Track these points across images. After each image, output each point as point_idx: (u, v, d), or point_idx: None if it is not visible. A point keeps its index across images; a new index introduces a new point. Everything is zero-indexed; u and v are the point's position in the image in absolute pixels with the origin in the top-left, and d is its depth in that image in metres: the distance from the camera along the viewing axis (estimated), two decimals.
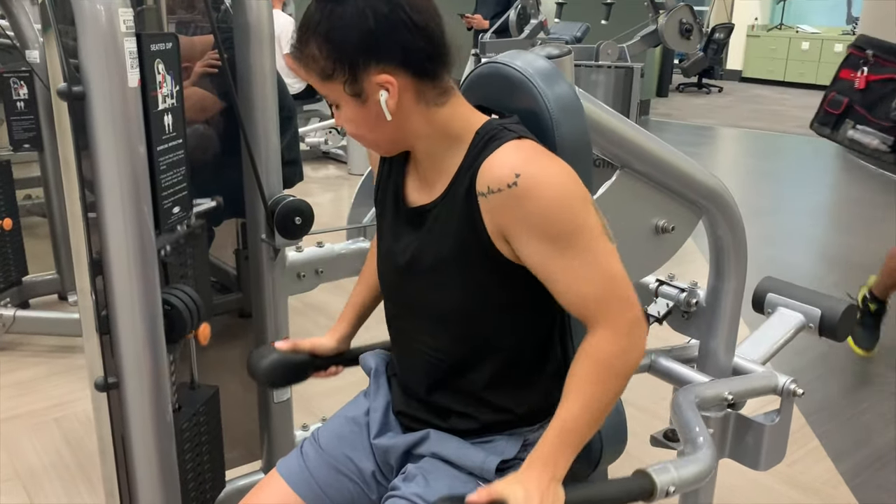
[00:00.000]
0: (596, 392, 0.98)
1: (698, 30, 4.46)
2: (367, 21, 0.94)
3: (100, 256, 1.26)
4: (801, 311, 1.64)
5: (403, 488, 1.09)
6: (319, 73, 0.99)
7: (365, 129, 1.04)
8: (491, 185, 0.97)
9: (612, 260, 0.99)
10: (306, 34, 0.98)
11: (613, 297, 0.98)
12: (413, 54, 0.97)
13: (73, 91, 1.15)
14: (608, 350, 0.98)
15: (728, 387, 1.41)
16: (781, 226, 4.84)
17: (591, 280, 0.97)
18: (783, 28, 12.49)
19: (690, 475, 1.07)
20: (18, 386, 2.66)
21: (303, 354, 1.30)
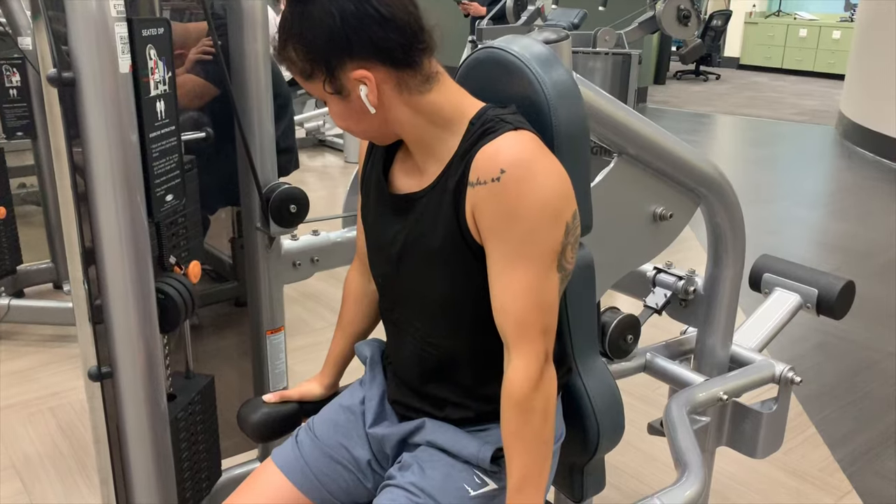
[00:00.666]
0: (524, 435, 0.99)
1: (696, 17, 4.43)
2: (335, 19, 0.94)
3: (92, 245, 1.24)
4: (798, 292, 1.63)
5: (399, 477, 1.08)
6: (300, 74, 1.01)
7: (352, 122, 1.04)
8: (481, 176, 0.96)
9: (550, 289, 0.98)
10: (283, 37, 0.99)
11: (536, 327, 0.98)
12: (385, 46, 0.96)
13: (63, 77, 1.13)
14: (524, 386, 0.98)
15: (723, 386, 1.42)
16: (779, 213, 4.83)
17: (522, 300, 0.97)
18: (781, 15, 12.45)
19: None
20: (14, 375, 2.66)
21: (291, 405, 1.31)
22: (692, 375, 1.51)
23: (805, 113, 8.63)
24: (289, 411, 1.30)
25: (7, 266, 3.10)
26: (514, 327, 0.98)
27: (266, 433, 1.30)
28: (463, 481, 1.07)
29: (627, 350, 1.43)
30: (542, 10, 5.35)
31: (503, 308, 0.98)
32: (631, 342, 1.42)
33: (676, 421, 1.29)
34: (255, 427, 1.29)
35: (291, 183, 1.71)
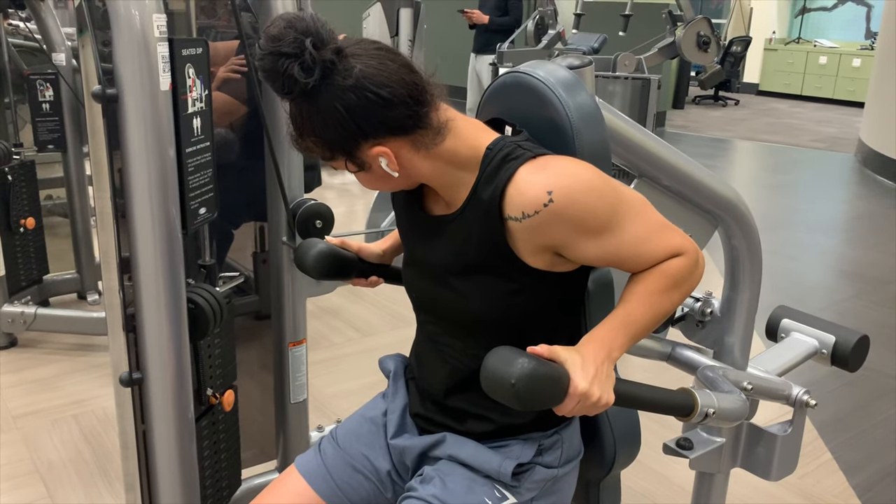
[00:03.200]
0: (661, 297, 1.03)
1: (716, 42, 4.47)
2: (341, 113, 0.98)
3: (127, 255, 1.29)
4: (815, 338, 1.65)
5: (421, 490, 1.11)
6: (322, 157, 1.06)
7: (379, 185, 1.10)
8: (525, 209, 1.00)
9: (653, 211, 1.06)
10: (297, 131, 1.04)
11: (675, 238, 1.05)
12: (394, 124, 1.01)
13: (107, 93, 1.18)
14: (677, 266, 1.04)
15: (748, 377, 1.42)
16: (796, 239, 4.83)
17: (651, 237, 1.04)
18: (801, 42, 12.47)
19: (728, 407, 1.09)
20: (38, 382, 2.71)
21: (350, 253, 1.33)
22: (718, 364, 1.52)
23: (824, 140, 8.62)
24: (347, 256, 1.32)
25: (34, 275, 3.17)
26: (664, 251, 1.04)
27: (324, 268, 1.30)
28: (484, 495, 1.10)
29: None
30: (563, 34, 5.41)
31: (647, 259, 1.04)
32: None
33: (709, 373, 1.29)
34: (314, 260, 1.29)
35: (315, 199, 1.76)
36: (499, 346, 0.92)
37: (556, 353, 0.94)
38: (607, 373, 0.97)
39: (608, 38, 5.56)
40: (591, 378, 0.93)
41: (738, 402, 1.13)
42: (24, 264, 3.09)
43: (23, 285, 3.08)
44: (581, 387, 0.92)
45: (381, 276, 1.36)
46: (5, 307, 2.91)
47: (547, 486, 1.13)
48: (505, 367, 0.88)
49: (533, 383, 0.88)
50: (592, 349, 0.97)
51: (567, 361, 0.94)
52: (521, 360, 0.89)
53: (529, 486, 1.12)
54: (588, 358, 0.95)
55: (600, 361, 0.96)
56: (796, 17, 12.73)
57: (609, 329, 1.01)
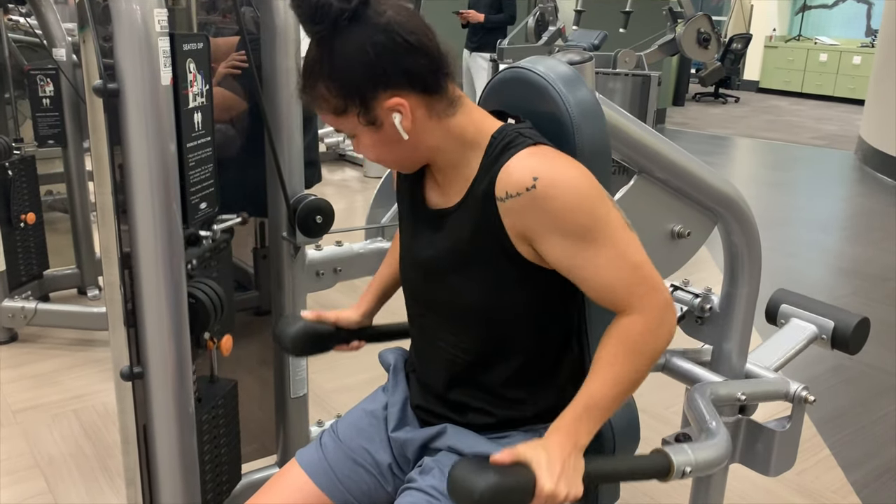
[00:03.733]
0: (623, 371, 1.00)
1: (716, 40, 4.47)
2: (368, 54, 0.97)
3: (128, 250, 1.29)
4: (813, 323, 1.65)
5: (420, 480, 1.12)
6: (332, 111, 1.03)
7: (384, 151, 1.07)
8: (510, 189, 1.00)
9: (634, 248, 1.02)
10: (312, 76, 1.01)
11: (641, 284, 1.01)
12: (416, 74, 1.01)
13: (108, 88, 1.18)
14: (637, 331, 1.00)
15: (741, 387, 1.43)
16: (796, 237, 4.83)
17: (618, 270, 1.00)
18: (801, 39, 12.46)
19: (707, 459, 1.08)
20: (39, 377, 2.71)
21: (327, 325, 1.33)
22: (711, 375, 1.53)
23: (824, 137, 8.62)
24: (325, 330, 1.32)
25: (34, 271, 3.17)
26: (625, 296, 1.00)
27: (302, 346, 1.32)
28: None
29: None
30: (563, 30, 5.41)
31: (606, 290, 1.01)
32: None
33: (698, 398, 1.30)
34: (293, 339, 1.30)
35: (315, 194, 1.76)
36: (463, 459, 0.96)
37: (520, 455, 0.95)
38: (574, 465, 0.97)
39: (608, 35, 5.56)
40: (556, 476, 0.94)
41: (719, 449, 1.12)
42: (24, 259, 3.09)
43: (23, 280, 3.09)
44: (547, 488, 0.93)
45: (363, 339, 1.36)
46: (6, 302, 2.92)
47: None
48: (470, 481, 0.91)
49: (497, 497, 0.91)
50: (558, 442, 0.97)
51: (532, 462, 0.95)
52: (485, 475, 0.91)
53: None
54: (554, 454, 0.96)
55: (567, 454, 0.96)
56: (797, 15, 12.73)
57: (573, 417, 1.00)
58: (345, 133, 1.07)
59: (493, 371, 1.12)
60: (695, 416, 1.25)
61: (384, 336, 1.38)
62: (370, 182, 5.75)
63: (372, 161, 1.12)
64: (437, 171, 1.12)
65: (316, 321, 1.32)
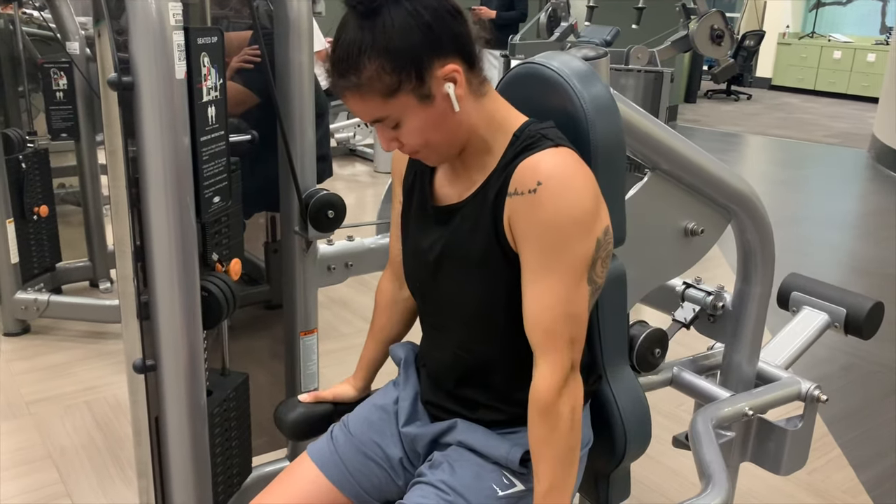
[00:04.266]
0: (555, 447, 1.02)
1: (729, 36, 4.45)
2: (423, 17, 0.96)
3: (141, 243, 1.29)
4: (826, 311, 1.64)
5: (429, 475, 1.12)
6: (384, 92, 0.98)
7: (433, 133, 1.03)
8: (519, 187, 1.00)
9: (580, 301, 1.01)
10: (358, 59, 0.96)
11: (563, 337, 1.01)
12: (462, 39, 1.00)
13: (122, 81, 1.18)
14: (549, 393, 1.01)
15: (749, 402, 1.43)
16: (808, 235, 4.81)
17: (550, 310, 1.00)
18: (815, 36, 12.37)
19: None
20: (51, 369, 2.73)
21: (326, 405, 1.35)
22: (718, 390, 1.53)
23: (837, 135, 8.56)
24: (324, 411, 1.36)
25: (47, 263, 3.19)
26: (543, 336, 1.01)
27: (302, 431, 1.35)
28: (492, 481, 1.10)
29: (655, 364, 1.44)
30: (576, 26, 5.39)
31: (533, 316, 1.02)
32: (658, 356, 1.44)
33: (702, 434, 1.31)
34: (292, 425, 1.34)
35: (327, 189, 1.76)
36: None
37: None
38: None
39: (621, 31, 5.53)
40: None
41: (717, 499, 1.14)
42: (37, 252, 3.11)
43: (36, 273, 3.11)
44: None
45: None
46: (19, 294, 2.93)
47: None
48: None
49: None
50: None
51: None
52: None
53: None
54: None
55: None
56: (811, 12, 12.64)
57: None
58: (388, 124, 1.02)
59: (501, 370, 1.12)
60: (698, 459, 1.26)
61: None
62: (380, 177, 5.75)
63: (415, 149, 1.05)
64: (458, 160, 1.10)
65: (314, 402, 1.35)
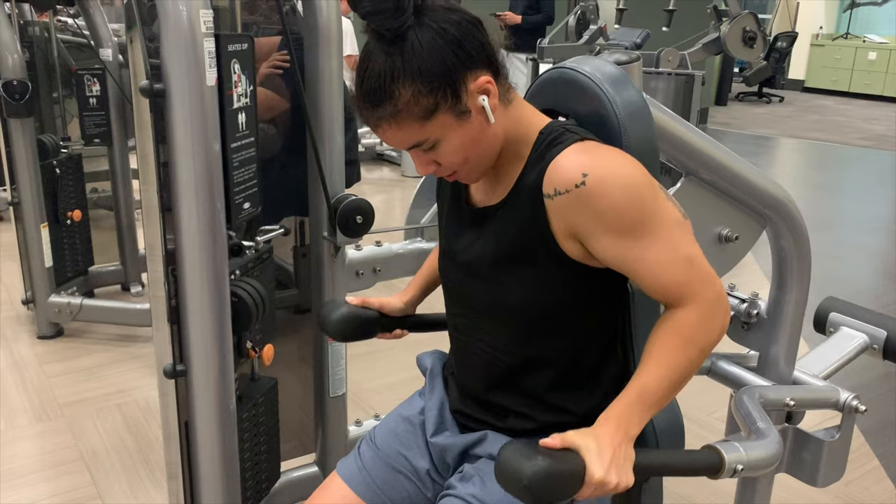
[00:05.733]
0: (676, 361, 0.98)
1: (762, 38, 4.39)
2: (450, 33, 0.95)
3: (172, 248, 1.30)
4: (865, 332, 1.61)
5: (460, 488, 1.10)
6: (422, 115, 0.97)
7: (472, 149, 1.02)
8: (558, 186, 0.98)
9: (687, 240, 1.00)
10: (392, 86, 0.95)
11: (694, 279, 0.98)
12: (488, 49, 1.00)
13: (154, 88, 1.19)
14: (691, 324, 0.98)
15: (791, 392, 1.39)
16: (842, 239, 4.72)
17: (671, 264, 0.98)
18: (849, 37, 12.17)
19: (758, 457, 1.05)
20: (83, 371, 2.77)
21: (372, 311, 1.32)
22: (758, 380, 1.50)
23: (872, 138, 8.41)
24: (369, 315, 1.32)
25: (80, 267, 3.23)
26: (678, 291, 0.98)
27: (346, 331, 1.31)
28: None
29: None
30: (605, 29, 5.35)
31: (658, 284, 0.99)
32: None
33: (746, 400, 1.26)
34: (337, 323, 1.30)
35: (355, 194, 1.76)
36: (511, 442, 0.92)
37: (569, 441, 0.92)
38: (625, 454, 0.94)
39: (651, 34, 5.49)
40: (607, 465, 0.90)
41: (771, 449, 1.08)
42: (70, 256, 3.16)
43: (69, 276, 3.15)
44: (597, 476, 0.90)
45: (406, 328, 1.36)
46: (52, 297, 2.98)
47: None
48: (518, 465, 0.88)
49: (546, 482, 0.88)
50: (608, 432, 0.94)
51: (582, 448, 0.91)
52: (534, 459, 0.88)
53: None
54: (604, 443, 0.92)
55: (617, 443, 0.93)
56: (845, 12, 12.44)
57: (625, 406, 0.97)
58: (425, 147, 1.01)
59: (534, 374, 1.10)
60: (743, 417, 1.22)
61: (427, 326, 1.37)
62: (408, 181, 5.76)
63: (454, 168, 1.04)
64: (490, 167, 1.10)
65: (360, 306, 1.32)
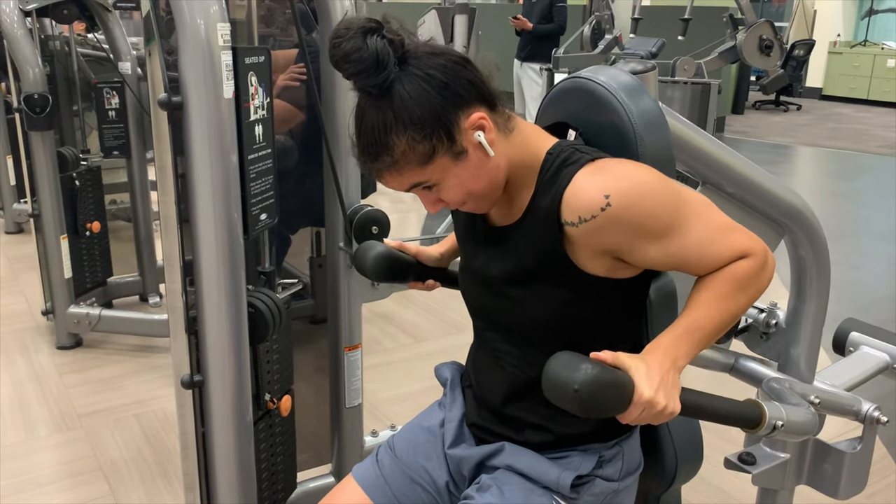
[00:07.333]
0: (726, 302, 0.99)
1: (779, 46, 4.37)
2: (436, 78, 0.96)
3: (190, 259, 1.31)
4: (885, 351, 1.59)
5: (478, 498, 1.10)
6: (419, 161, 0.98)
7: (474, 184, 1.02)
8: (582, 214, 0.98)
9: (718, 213, 1.02)
10: (386, 139, 0.96)
11: (740, 239, 1.01)
12: (477, 85, 1.00)
13: (172, 101, 1.21)
14: (747, 272, 1.00)
15: (815, 391, 1.38)
16: (861, 248, 4.67)
17: (715, 239, 1.00)
18: (868, 45, 12.09)
19: (797, 420, 1.05)
20: (102, 382, 2.78)
21: (408, 256, 1.33)
22: (782, 376, 1.48)
23: (891, 146, 8.33)
24: (405, 259, 1.32)
25: (99, 278, 3.26)
26: (728, 255, 1.00)
27: (383, 270, 1.30)
28: None
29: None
30: (620, 38, 5.35)
31: (707, 260, 1.00)
32: None
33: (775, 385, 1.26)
34: (374, 261, 1.29)
35: (371, 205, 1.77)
36: (561, 352, 0.90)
37: (620, 359, 0.92)
38: (673, 381, 0.94)
39: (666, 43, 5.48)
40: (656, 386, 0.91)
41: (808, 416, 1.09)
42: (89, 267, 3.18)
43: (88, 287, 3.18)
44: (646, 394, 0.90)
45: (438, 280, 1.35)
46: (71, 308, 3.00)
47: (606, 500, 1.11)
48: (568, 373, 0.87)
49: (597, 389, 0.87)
50: (657, 357, 0.94)
51: (632, 368, 0.91)
52: (585, 366, 0.87)
53: (588, 498, 1.09)
54: (653, 366, 0.92)
55: (666, 370, 0.93)
56: (863, 20, 12.35)
57: (674, 337, 0.98)
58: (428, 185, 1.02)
59: None
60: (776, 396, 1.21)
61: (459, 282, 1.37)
62: None
63: (461, 202, 1.05)
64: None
65: (398, 249, 1.32)
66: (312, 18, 1.83)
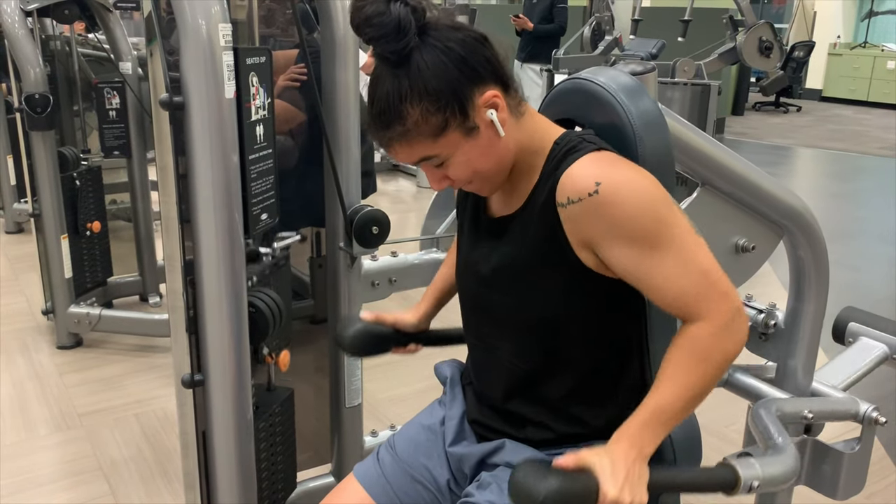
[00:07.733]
0: (691, 378, 0.97)
1: (779, 48, 4.37)
2: (455, 51, 0.97)
3: (191, 259, 1.31)
4: (884, 342, 1.59)
5: (478, 495, 1.10)
6: (430, 133, 0.98)
7: (483, 162, 1.03)
8: (571, 195, 0.98)
9: (703, 253, 0.98)
10: (400, 107, 0.96)
11: (711, 291, 0.97)
12: (495, 64, 1.00)
13: (173, 101, 1.21)
14: (706, 340, 0.97)
15: (808, 405, 1.38)
16: (860, 249, 4.68)
17: (686, 276, 0.97)
18: (867, 46, 12.09)
19: (774, 474, 1.04)
20: (102, 382, 2.79)
21: (386, 327, 1.33)
22: (776, 392, 1.48)
23: (891, 147, 8.33)
24: (383, 331, 1.33)
25: (99, 278, 3.27)
26: (695, 302, 0.97)
27: (360, 347, 1.32)
28: None
29: None
30: (620, 39, 5.35)
31: (672, 296, 0.98)
32: None
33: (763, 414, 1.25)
34: (352, 340, 1.31)
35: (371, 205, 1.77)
36: (525, 461, 0.94)
37: (583, 460, 0.93)
38: (639, 473, 0.94)
39: (666, 44, 5.48)
40: (620, 484, 0.91)
41: (787, 465, 1.07)
42: (89, 267, 3.19)
43: (88, 287, 3.18)
44: (611, 494, 0.90)
45: (420, 342, 1.36)
46: (72, 308, 3.01)
47: None
48: (531, 484, 0.89)
49: (561, 499, 0.89)
50: (623, 449, 0.95)
51: (596, 467, 0.92)
52: (548, 479, 0.90)
53: None
54: (618, 461, 0.93)
55: (631, 461, 0.94)
56: (863, 21, 12.36)
57: (639, 424, 0.97)
58: (435, 164, 1.02)
59: (551, 384, 1.10)
60: (760, 432, 1.21)
61: (441, 340, 1.38)
62: (423, 192, 5.77)
63: (466, 181, 1.06)
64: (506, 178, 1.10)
65: (374, 323, 1.32)
66: (313, 18, 1.84)
